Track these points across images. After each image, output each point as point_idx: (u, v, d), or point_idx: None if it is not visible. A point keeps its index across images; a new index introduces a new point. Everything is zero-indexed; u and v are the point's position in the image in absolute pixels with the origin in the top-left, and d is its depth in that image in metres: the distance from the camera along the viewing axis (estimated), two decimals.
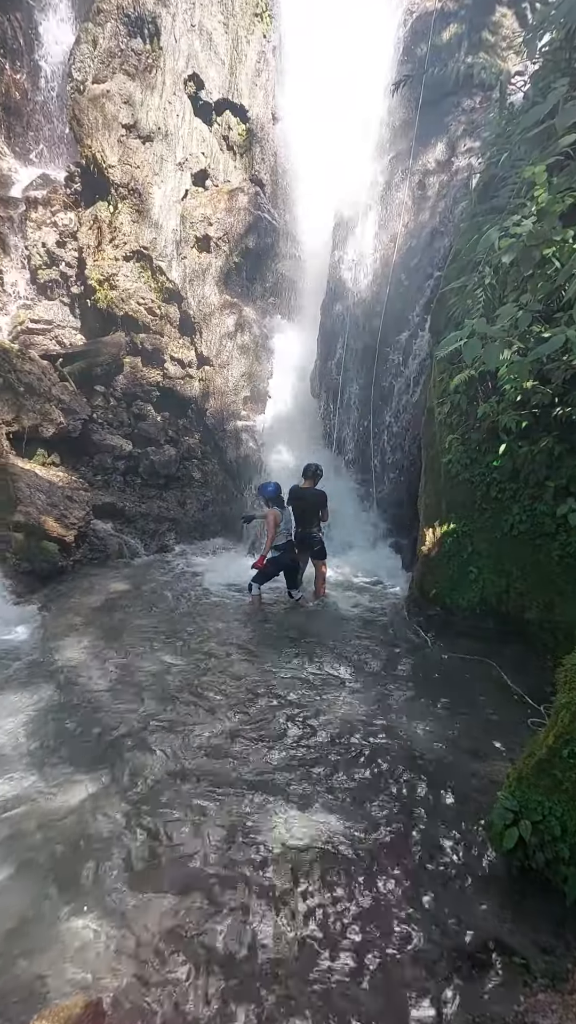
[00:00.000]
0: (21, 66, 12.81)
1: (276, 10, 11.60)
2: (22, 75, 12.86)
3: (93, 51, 10.64)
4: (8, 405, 8.53)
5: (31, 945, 2.32)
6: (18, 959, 2.25)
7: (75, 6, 12.90)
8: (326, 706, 4.37)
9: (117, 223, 10.79)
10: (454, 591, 6.08)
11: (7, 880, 2.64)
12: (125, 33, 10.63)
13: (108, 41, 10.58)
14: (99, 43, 10.61)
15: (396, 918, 2.51)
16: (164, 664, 5.04)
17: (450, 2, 9.03)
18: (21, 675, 4.73)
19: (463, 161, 8.84)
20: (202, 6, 10.87)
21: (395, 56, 9.65)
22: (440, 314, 7.32)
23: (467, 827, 3.04)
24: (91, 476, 9.57)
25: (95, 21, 10.66)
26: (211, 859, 2.80)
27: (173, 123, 10.90)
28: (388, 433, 9.19)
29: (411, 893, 2.64)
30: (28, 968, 2.21)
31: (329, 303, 10.17)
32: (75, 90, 10.78)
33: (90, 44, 10.68)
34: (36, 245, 11.22)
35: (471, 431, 6.15)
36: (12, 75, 12.70)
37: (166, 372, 11.00)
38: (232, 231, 11.15)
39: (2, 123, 12.68)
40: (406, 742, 3.89)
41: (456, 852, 2.88)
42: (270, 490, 6.98)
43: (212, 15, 11.00)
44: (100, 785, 3.36)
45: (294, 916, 2.51)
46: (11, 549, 6.94)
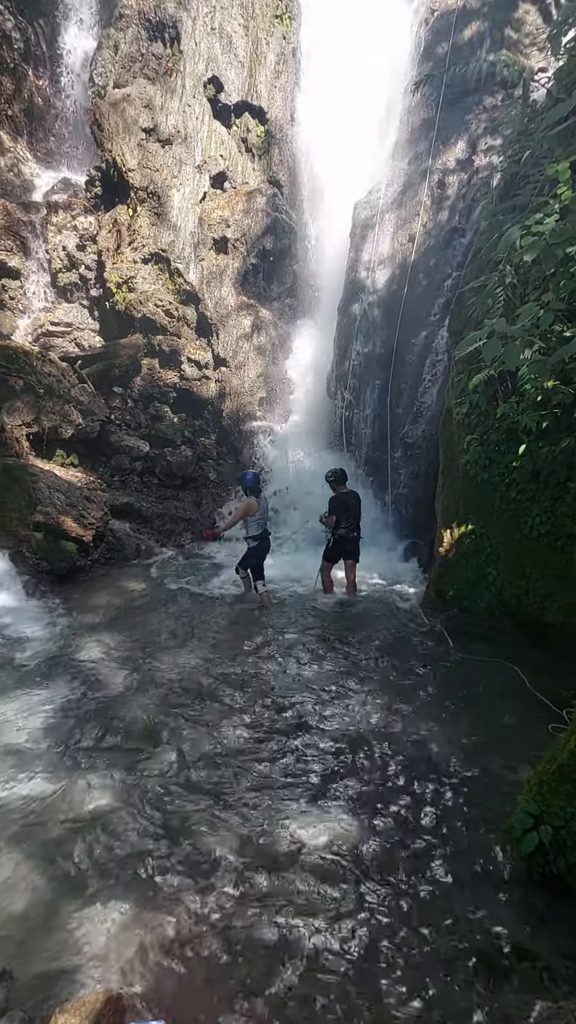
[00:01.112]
0: (44, 72, 13.03)
1: (296, 11, 11.64)
2: (45, 81, 13.08)
3: (114, 56, 10.79)
4: (29, 407, 8.66)
5: (52, 939, 2.34)
6: (39, 953, 2.27)
7: (97, 13, 13.08)
8: (341, 707, 4.35)
9: (136, 226, 10.90)
10: (472, 593, 6.02)
11: (27, 875, 2.66)
12: (146, 38, 10.75)
13: (129, 46, 10.71)
14: (120, 48, 10.74)
15: (414, 920, 2.48)
16: (180, 663, 5.07)
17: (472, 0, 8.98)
18: (39, 672, 4.78)
19: (484, 160, 8.77)
20: (223, 9, 10.95)
21: (415, 55, 9.63)
22: (459, 314, 7.26)
23: (486, 831, 3.00)
24: (109, 477, 9.67)
25: (117, 26, 10.80)
26: (229, 858, 2.80)
27: (192, 126, 10.99)
28: (404, 433, 9.14)
29: (429, 896, 2.61)
30: (49, 962, 2.23)
31: (346, 303, 10.15)
32: (96, 95, 10.94)
33: (111, 49, 10.83)
34: (57, 249, 11.39)
35: (490, 431, 6.09)
36: (35, 81, 12.92)
37: (183, 373, 11.08)
38: (249, 232, 11.19)
39: (24, 128, 12.90)
40: (422, 744, 3.86)
41: (475, 856, 2.84)
42: (248, 479, 7.04)
43: (232, 18, 11.08)
44: (117, 782, 3.38)
45: (311, 915, 2.49)
46: (31, 548, 7.04)
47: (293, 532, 9.62)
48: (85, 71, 12.41)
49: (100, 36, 11.50)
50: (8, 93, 12.52)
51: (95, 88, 11.02)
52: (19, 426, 8.53)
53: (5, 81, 12.44)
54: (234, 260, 11.24)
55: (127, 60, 10.71)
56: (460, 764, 3.63)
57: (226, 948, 2.33)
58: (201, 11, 10.78)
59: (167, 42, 10.80)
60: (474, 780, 3.47)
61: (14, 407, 8.51)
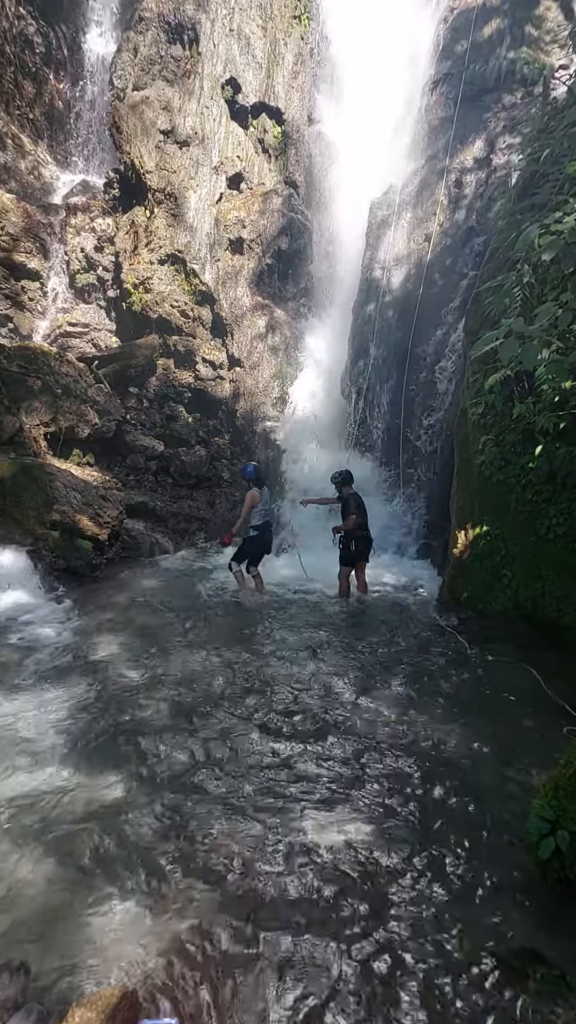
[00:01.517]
0: (64, 76, 13.20)
1: (314, 11, 11.65)
2: (65, 84, 13.25)
3: (134, 59, 10.89)
4: (46, 407, 8.77)
5: (68, 935, 2.36)
6: (55, 948, 2.29)
7: (117, 16, 13.22)
8: (354, 709, 4.34)
9: (153, 227, 10.99)
10: (487, 594, 5.97)
11: (43, 870, 2.69)
12: (165, 40, 10.84)
13: (148, 49, 10.81)
14: (140, 51, 10.84)
15: (428, 925, 2.47)
16: (194, 662, 5.09)
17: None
18: (56, 670, 4.83)
19: (502, 158, 8.70)
20: (241, 10, 11.00)
21: (434, 54, 9.58)
22: (475, 313, 7.20)
23: (501, 836, 2.97)
24: (124, 476, 9.76)
25: (136, 30, 10.90)
26: (242, 859, 2.80)
27: (210, 127, 11.05)
28: (418, 434, 9.09)
29: (443, 901, 2.60)
30: (65, 957, 2.25)
31: (361, 303, 10.13)
32: (115, 98, 11.05)
33: (131, 52, 10.93)
34: (75, 250, 11.53)
35: (506, 432, 6.04)
36: (56, 85, 13.09)
37: (197, 373, 11.14)
38: (265, 233, 11.23)
39: (45, 132, 13.08)
40: (436, 746, 3.83)
41: (490, 861, 2.82)
42: (249, 471, 7.20)
43: (251, 19, 11.13)
44: (131, 780, 3.40)
45: (324, 919, 2.49)
46: (48, 546, 7.12)
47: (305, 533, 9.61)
48: (105, 74, 12.56)
49: (120, 39, 11.63)
50: (29, 97, 12.72)
51: (114, 91, 11.14)
52: (37, 426, 8.65)
53: (27, 85, 12.63)
54: (249, 260, 11.28)
55: (146, 63, 10.81)
56: (474, 767, 3.60)
57: (238, 949, 2.33)
58: (220, 13, 10.84)
59: (186, 44, 10.88)
60: (489, 784, 3.43)
61: (32, 407, 8.63)
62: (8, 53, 12.18)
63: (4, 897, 2.52)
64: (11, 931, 2.35)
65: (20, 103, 12.61)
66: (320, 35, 11.81)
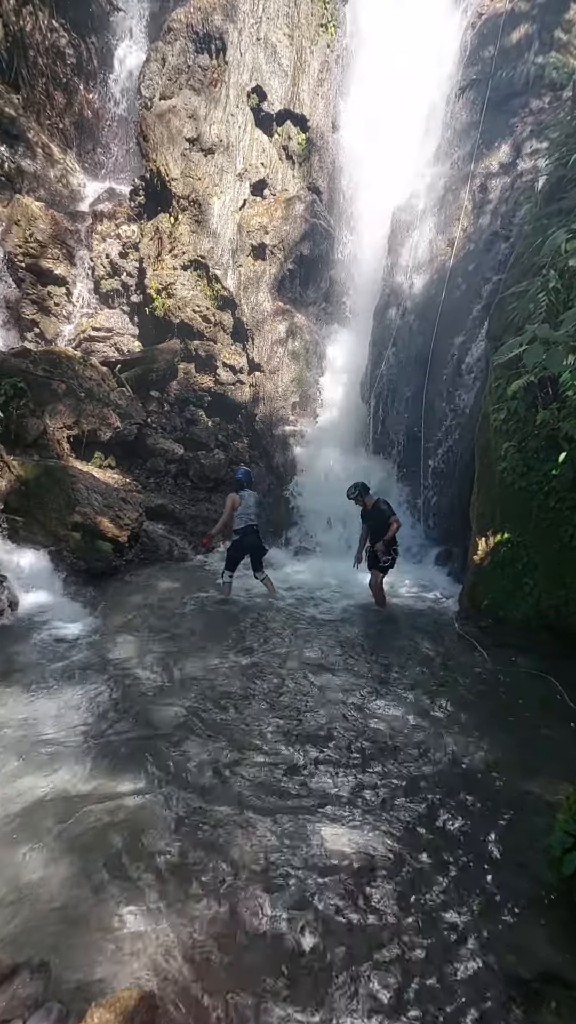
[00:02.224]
0: (94, 86, 13.47)
1: (341, 19, 11.72)
2: (94, 94, 13.53)
3: (162, 68, 11.07)
4: (70, 410, 8.91)
5: (87, 935, 2.37)
6: (75, 948, 2.31)
7: (146, 28, 13.47)
8: (372, 717, 4.30)
9: (177, 233, 11.13)
10: (508, 603, 5.88)
11: (63, 870, 2.71)
12: (193, 50, 10.99)
13: (176, 58, 10.97)
14: (168, 61, 11.02)
15: (446, 940, 2.42)
16: (211, 665, 5.10)
17: (521, 3, 8.87)
18: (76, 670, 4.87)
19: (528, 163, 8.62)
20: (268, 20, 11.11)
21: (461, 59, 9.56)
22: (499, 319, 7.14)
23: (522, 850, 2.91)
24: (144, 478, 9.85)
25: (165, 40, 11.08)
26: (258, 862, 2.79)
27: (235, 135, 11.17)
28: (439, 439, 9.02)
29: (462, 916, 2.55)
30: (84, 957, 2.26)
31: (382, 308, 10.11)
32: (143, 107, 11.24)
33: (159, 62, 11.11)
34: (100, 256, 11.72)
35: (529, 438, 5.96)
36: (85, 95, 13.37)
37: (218, 378, 11.22)
38: (287, 239, 11.28)
39: (74, 141, 13.36)
40: (455, 757, 3.78)
41: (510, 876, 2.76)
42: (236, 475, 7.37)
43: (278, 28, 11.23)
44: (149, 782, 3.41)
45: (340, 929, 2.46)
46: (69, 547, 7.22)
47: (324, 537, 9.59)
48: (133, 83, 12.79)
49: (149, 49, 11.83)
50: (60, 107, 13.01)
51: (142, 100, 11.33)
52: (60, 428, 8.79)
53: (58, 95, 12.93)
54: (271, 266, 11.34)
55: (174, 72, 10.98)
56: (495, 780, 3.54)
57: (255, 954, 2.32)
58: (247, 22, 10.96)
59: (213, 53, 11.02)
60: (509, 796, 3.37)
61: (56, 410, 8.77)
62: (41, 65, 12.49)
63: (25, 896, 2.55)
64: (32, 930, 2.37)
65: (51, 113, 12.90)
66: (346, 42, 11.88)
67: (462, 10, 9.94)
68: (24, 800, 3.17)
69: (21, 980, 1.99)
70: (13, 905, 2.48)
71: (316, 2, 11.33)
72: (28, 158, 12.35)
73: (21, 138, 12.28)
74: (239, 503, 7.08)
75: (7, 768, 3.45)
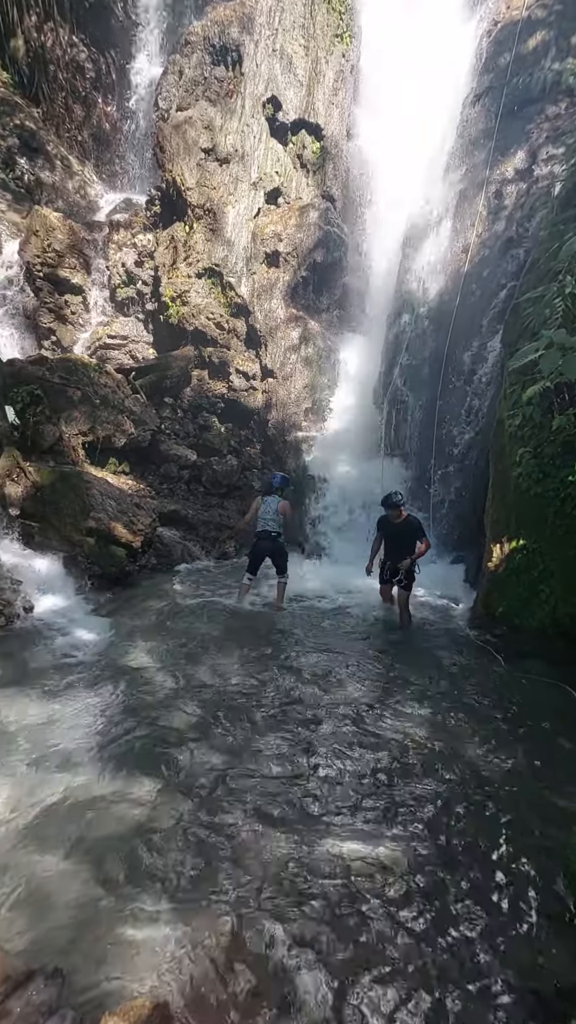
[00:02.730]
0: (112, 99, 13.72)
1: (356, 30, 11.81)
2: (112, 107, 13.77)
3: (178, 81, 11.23)
4: (85, 416, 9.01)
5: (101, 942, 2.35)
6: (89, 955, 2.30)
7: (164, 41, 13.69)
8: (386, 725, 4.26)
9: (192, 242, 11.24)
10: (523, 610, 5.80)
11: (78, 877, 2.70)
12: (209, 62, 11.15)
13: (193, 71, 11.13)
14: (184, 73, 11.18)
15: (463, 953, 2.38)
16: (224, 671, 5.09)
17: (538, 10, 8.87)
18: (89, 675, 4.87)
19: (544, 169, 8.59)
20: (285, 31, 11.23)
21: (476, 67, 9.58)
22: (514, 325, 7.10)
23: (540, 861, 2.85)
24: (157, 484, 9.92)
25: (182, 53, 11.26)
26: (271, 873, 2.76)
27: (250, 144, 11.28)
28: (452, 445, 8.97)
29: (480, 928, 2.50)
30: (98, 964, 2.25)
31: (395, 314, 10.11)
32: (160, 118, 11.41)
33: (176, 74, 11.28)
34: (116, 265, 11.88)
35: (544, 444, 5.90)
36: (104, 108, 13.62)
37: (231, 384, 11.28)
38: (301, 246, 11.34)
39: (92, 152, 13.60)
40: (470, 767, 3.72)
41: (528, 888, 2.70)
42: (272, 481, 7.36)
43: (293, 39, 11.35)
44: (162, 788, 3.39)
45: (356, 942, 2.43)
46: (83, 553, 7.27)
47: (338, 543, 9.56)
48: (150, 96, 12.99)
49: (166, 62, 12.01)
50: (79, 120, 13.26)
51: (159, 112, 11.50)
52: (76, 435, 8.88)
53: (76, 109, 13.18)
54: (285, 273, 11.40)
55: (190, 84, 11.13)
56: (511, 789, 3.48)
57: (268, 966, 2.29)
58: (264, 34, 11.09)
59: (229, 65, 11.15)
60: (526, 806, 3.31)
61: (72, 416, 8.88)
62: (61, 79, 12.76)
63: (39, 902, 2.55)
64: (46, 936, 2.37)
65: (69, 126, 13.16)
66: (361, 51, 11.96)
67: (478, 18, 9.96)
68: (38, 805, 3.18)
69: (36, 986, 1.99)
70: (27, 910, 2.49)
71: (332, 13, 11.44)
72: (47, 170, 12.60)
73: (41, 151, 12.53)
74: (259, 507, 7.08)
75: (21, 773, 3.46)
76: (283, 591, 7.08)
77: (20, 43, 12.24)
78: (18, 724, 4.03)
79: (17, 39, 12.16)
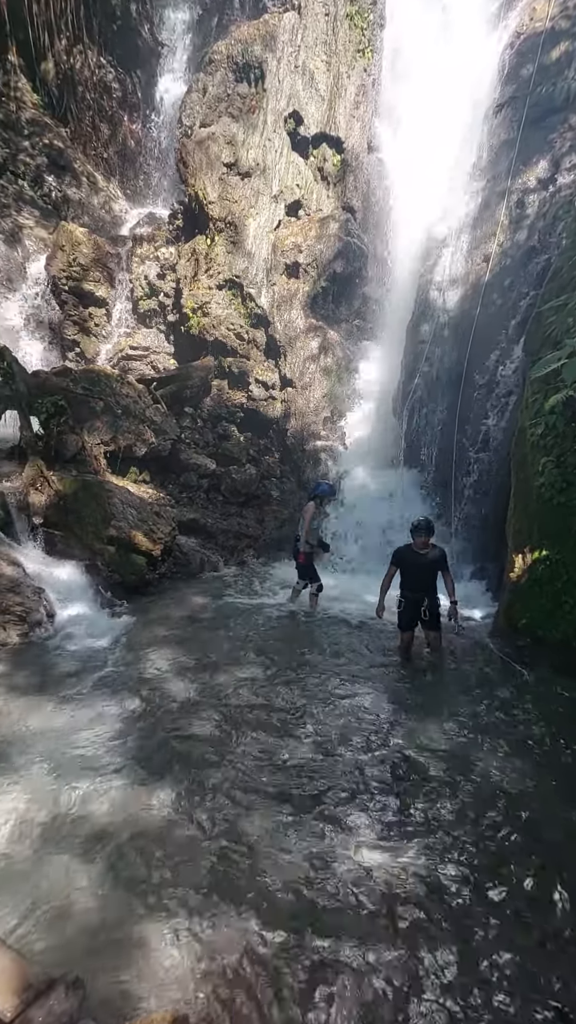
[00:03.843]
0: (137, 117, 14.08)
1: (378, 45, 11.93)
2: (138, 125, 14.13)
3: (202, 98, 11.48)
4: (107, 426, 9.16)
5: (120, 953, 2.35)
6: (109, 964, 2.29)
7: (188, 61, 14.03)
8: (406, 737, 4.20)
9: (213, 254, 11.41)
10: (547, 622, 5.68)
11: (97, 885, 2.71)
12: (232, 79, 11.37)
13: (216, 88, 11.36)
14: (208, 90, 11.42)
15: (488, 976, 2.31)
16: (242, 680, 5.08)
17: (562, 20, 8.87)
18: (109, 683, 4.91)
19: (567, 178, 8.54)
20: (307, 48, 11.41)
21: (499, 78, 9.59)
22: (536, 333, 7.03)
23: (565, 878, 2.77)
24: (177, 493, 10.01)
25: (206, 71, 11.51)
26: (292, 886, 2.73)
27: (271, 158, 11.44)
28: (472, 454, 8.88)
29: (505, 952, 2.43)
30: (118, 974, 2.24)
31: (415, 323, 10.09)
32: (184, 134, 11.65)
33: (200, 92, 11.53)
34: (139, 278, 12.12)
35: (568, 453, 5.80)
36: (129, 126, 13.98)
37: (250, 394, 11.37)
38: (321, 257, 11.42)
39: (117, 169, 13.94)
40: (493, 781, 3.64)
41: (556, 911, 2.62)
42: (320, 490, 7.45)
43: (316, 55, 11.52)
44: (182, 797, 3.38)
45: (376, 959, 2.38)
46: (104, 561, 7.36)
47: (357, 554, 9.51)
48: (174, 113, 13.30)
49: (190, 80, 12.29)
50: (105, 138, 13.63)
51: (183, 128, 11.75)
52: (98, 444, 9.03)
53: (103, 127, 13.56)
54: (304, 284, 11.49)
55: (213, 101, 11.36)
56: (535, 806, 3.39)
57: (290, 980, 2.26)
58: (286, 51, 11.28)
59: (252, 82, 11.36)
60: (550, 823, 3.23)
61: (94, 426, 9.03)
62: (88, 99, 13.14)
63: (61, 910, 2.55)
64: (67, 945, 2.37)
65: (96, 144, 13.52)
66: (383, 64, 12.06)
67: (501, 29, 9.99)
68: (59, 813, 3.21)
69: (57, 996, 1.99)
70: (49, 918, 2.50)
71: (354, 29, 11.58)
72: (74, 187, 12.95)
73: (68, 168, 12.89)
74: (311, 513, 7.32)
75: (42, 779, 3.50)
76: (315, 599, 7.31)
77: (50, 66, 12.65)
78: (39, 731, 4.07)
79: (48, 62, 12.57)
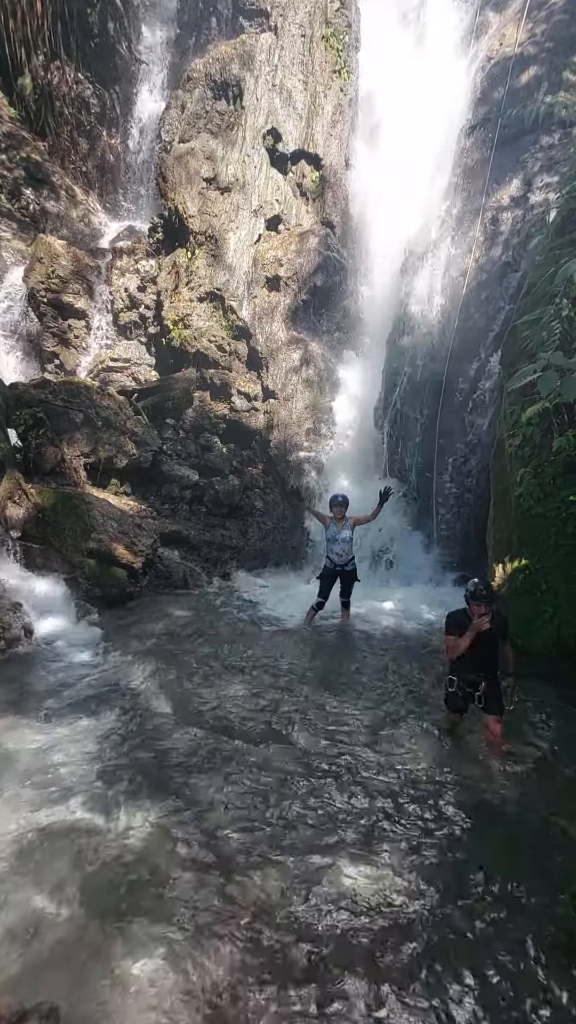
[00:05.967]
0: (116, 132, 14.14)
1: (354, 66, 12.22)
2: (116, 140, 14.19)
3: (181, 115, 11.60)
4: (87, 438, 9.07)
5: (97, 979, 2.28)
6: (85, 993, 2.21)
7: (167, 77, 14.18)
8: (391, 749, 4.18)
9: (194, 267, 11.47)
10: (526, 631, 5.74)
11: (73, 910, 2.62)
12: (211, 97, 11.53)
13: (195, 105, 11.50)
14: (187, 107, 11.55)
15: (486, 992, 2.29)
16: (224, 694, 5.03)
17: (530, 47, 9.21)
18: (87, 698, 4.81)
19: (539, 196, 8.80)
20: (284, 67, 11.64)
21: (471, 100, 9.89)
22: (512, 347, 7.18)
23: (544, 890, 2.77)
24: (159, 505, 9.93)
25: (185, 88, 11.65)
26: (275, 907, 2.69)
27: (250, 174, 11.58)
28: (453, 465, 9.00)
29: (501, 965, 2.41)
30: (94, 1003, 2.17)
31: (395, 337, 10.25)
32: (163, 149, 11.75)
33: (179, 109, 11.66)
34: (119, 291, 12.10)
35: (545, 464, 5.91)
36: (108, 140, 14.03)
37: (232, 405, 11.38)
38: (301, 271, 11.56)
39: (96, 183, 13.96)
40: (474, 792, 3.64)
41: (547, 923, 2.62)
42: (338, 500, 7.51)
43: (293, 75, 11.75)
44: (162, 816, 3.31)
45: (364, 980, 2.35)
46: (84, 574, 7.25)
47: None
48: (153, 128, 13.40)
49: (168, 97, 12.43)
50: (83, 152, 13.65)
51: (162, 144, 11.85)
52: (78, 456, 8.94)
53: (82, 142, 13.58)
54: (285, 297, 11.60)
55: (192, 117, 11.50)
56: (516, 817, 3.40)
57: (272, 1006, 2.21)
58: (264, 70, 11.49)
59: (230, 99, 11.53)
60: (538, 836, 3.23)
61: (74, 438, 8.94)
62: (67, 114, 13.17)
63: (34, 937, 2.47)
64: (41, 973, 2.29)
65: (75, 158, 13.54)
66: (359, 86, 12.36)
67: (472, 54, 10.32)
68: (35, 833, 3.11)
69: None
70: (22, 945, 2.41)
71: (330, 50, 11.85)
72: (52, 200, 12.92)
73: (46, 182, 12.86)
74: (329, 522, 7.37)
75: (19, 799, 3.40)
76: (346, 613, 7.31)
77: (28, 81, 12.67)
78: (17, 749, 3.96)
79: (25, 77, 12.59)
